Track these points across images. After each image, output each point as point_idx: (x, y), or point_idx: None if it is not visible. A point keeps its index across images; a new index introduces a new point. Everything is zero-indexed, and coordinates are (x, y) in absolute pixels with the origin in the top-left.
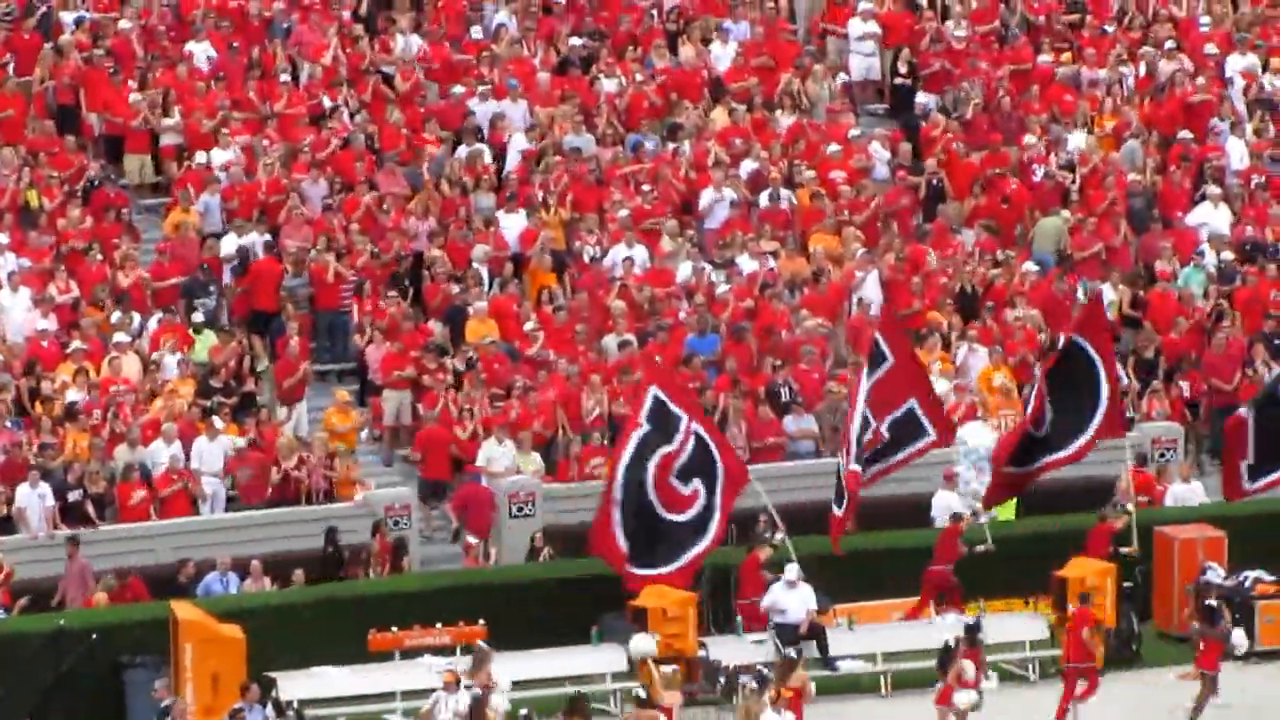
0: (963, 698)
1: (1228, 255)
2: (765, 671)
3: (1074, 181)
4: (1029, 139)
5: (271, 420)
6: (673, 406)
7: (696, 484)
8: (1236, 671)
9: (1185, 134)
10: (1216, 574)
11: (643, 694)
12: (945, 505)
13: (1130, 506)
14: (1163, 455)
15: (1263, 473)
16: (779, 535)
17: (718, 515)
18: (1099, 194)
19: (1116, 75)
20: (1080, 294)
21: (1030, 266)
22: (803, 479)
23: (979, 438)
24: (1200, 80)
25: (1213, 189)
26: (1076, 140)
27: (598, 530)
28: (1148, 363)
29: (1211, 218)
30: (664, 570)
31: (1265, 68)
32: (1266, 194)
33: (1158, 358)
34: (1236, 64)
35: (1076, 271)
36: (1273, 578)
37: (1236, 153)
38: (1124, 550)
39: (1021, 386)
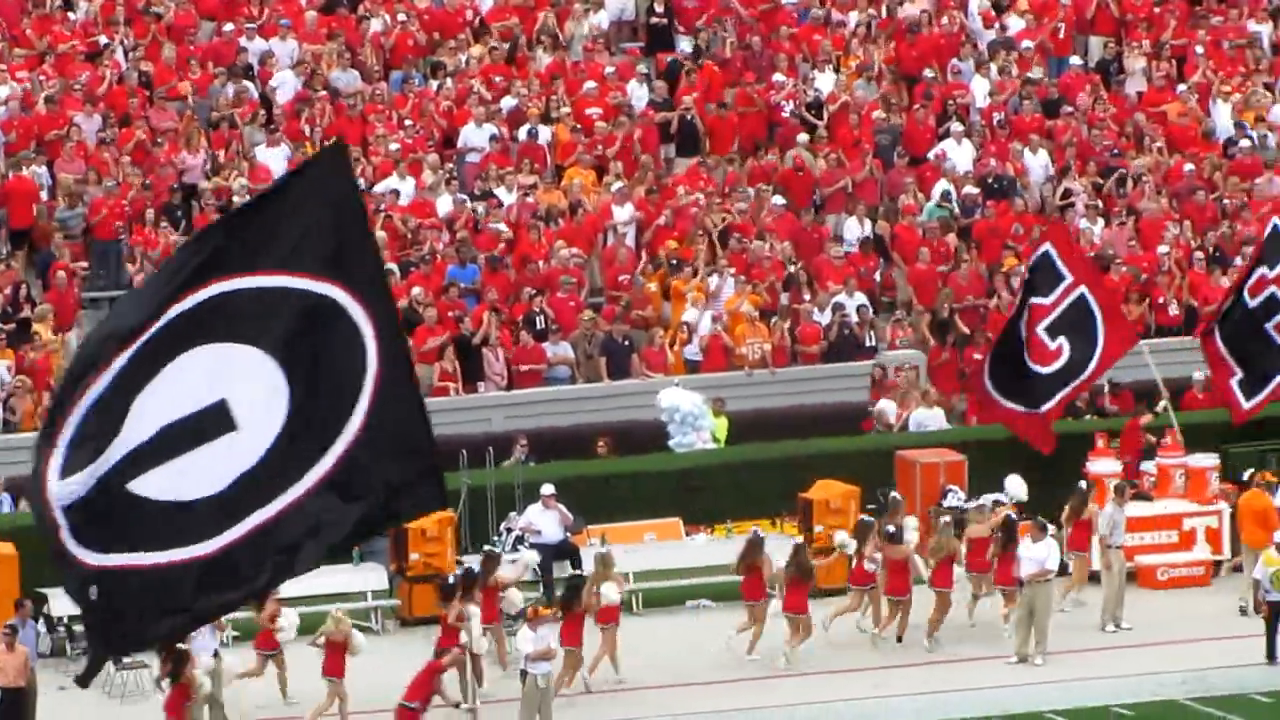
0: None
1: (970, 190)
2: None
3: (822, 118)
4: (778, 77)
5: (46, 347)
6: (1060, 265)
7: (1062, 341)
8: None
9: (929, 73)
10: (958, 497)
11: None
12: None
13: (1164, 404)
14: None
15: (1257, 388)
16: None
17: (1086, 374)
18: (846, 131)
19: (866, 16)
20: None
21: (779, 200)
22: (558, 404)
23: (675, 398)
24: (944, 21)
25: (956, 126)
26: (825, 79)
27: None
28: (890, 303)
29: (954, 153)
30: (1022, 409)
31: (1007, 8)
32: (1007, 131)
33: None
34: (979, 4)
35: (824, 205)
36: (1010, 499)
37: (980, 91)
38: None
39: (767, 315)
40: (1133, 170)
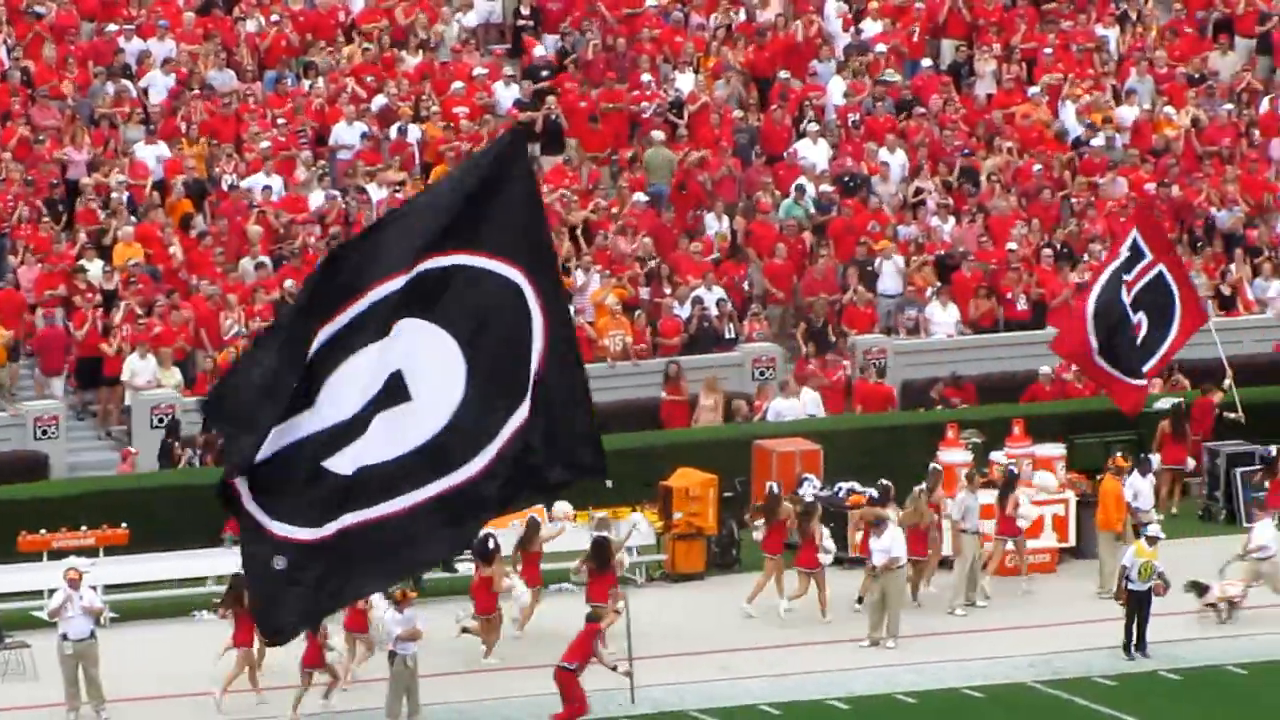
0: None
1: (826, 187)
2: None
3: (683, 118)
4: (643, 77)
5: None
6: (1143, 245)
7: (1141, 316)
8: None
9: (784, 74)
10: (813, 485)
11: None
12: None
13: (1228, 381)
14: (763, 374)
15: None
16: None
17: (1165, 347)
18: (706, 130)
19: (726, 19)
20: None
21: (640, 197)
22: None
23: None
24: (799, 24)
25: (812, 126)
26: (685, 80)
27: (1067, 336)
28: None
29: (810, 152)
30: (1122, 377)
31: (863, 13)
32: (861, 131)
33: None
34: (836, 9)
35: (685, 203)
36: (865, 489)
37: (835, 92)
38: (1229, 415)
39: (630, 309)
40: (983, 170)
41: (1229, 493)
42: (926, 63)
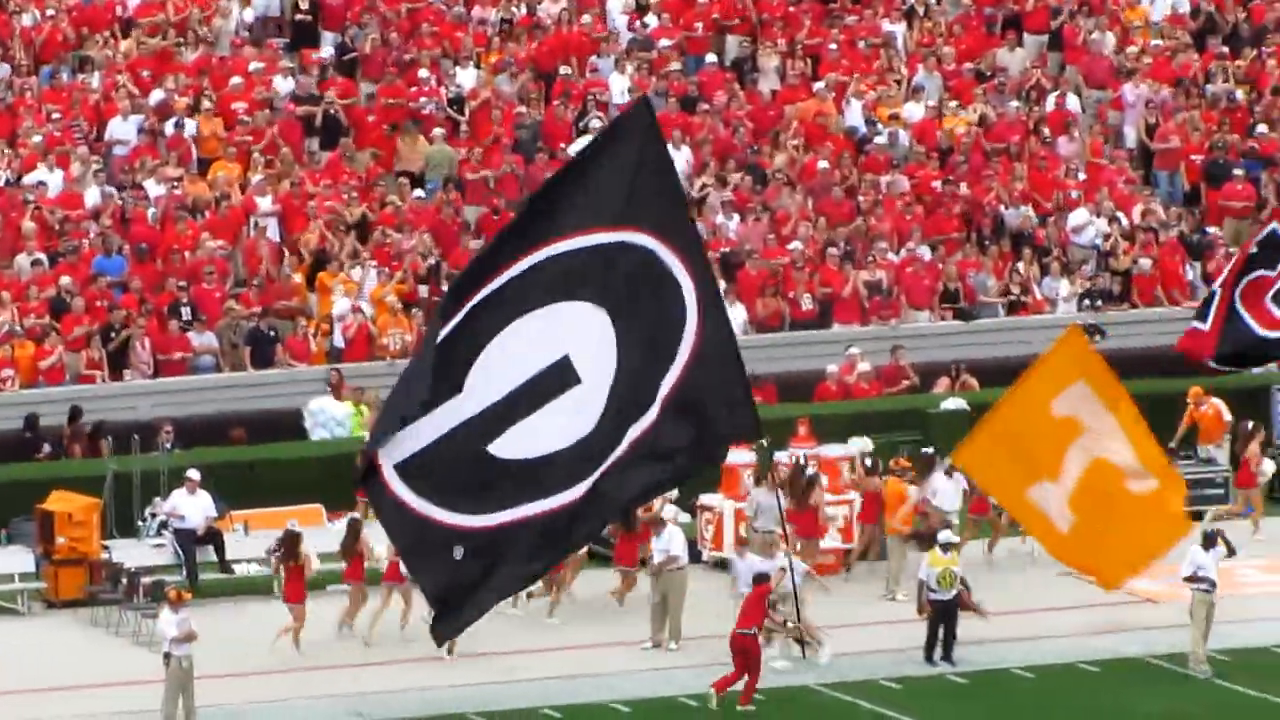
0: None
1: None
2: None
3: (464, 114)
4: (421, 73)
5: None
6: None
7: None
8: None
9: (566, 69)
10: None
11: None
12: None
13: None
14: None
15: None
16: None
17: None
18: (487, 126)
19: (506, 13)
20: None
21: (419, 193)
22: (203, 393)
23: (324, 405)
24: (585, 19)
25: (594, 122)
26: (466, 75)
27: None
28: None
29: None
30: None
31: (646, 8)
32: None
33: None
34: (619, 3)
35: (464, 198)
36: None
37: (618, 88)
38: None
39: (409, 306)
40: (769, 167)
41: None
42: (711, 59)
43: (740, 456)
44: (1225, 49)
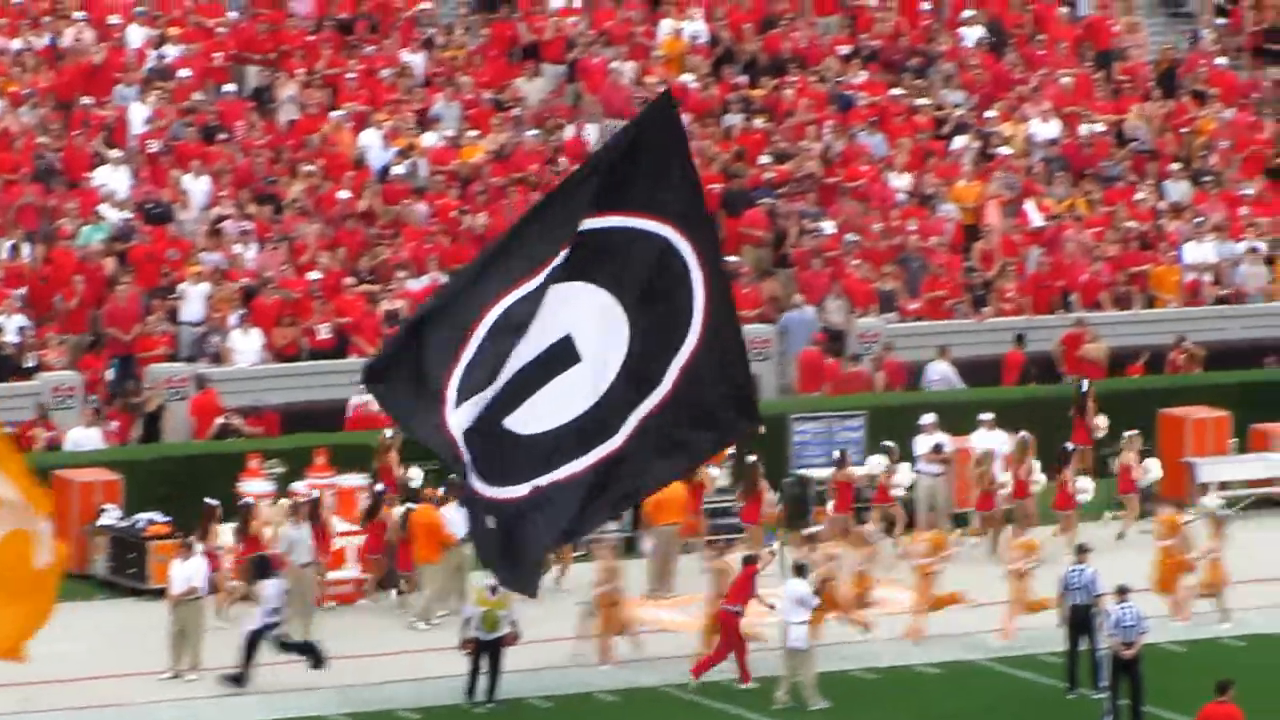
0: None
1: (127, 214)
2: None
3: None
4: None
5: None
6: None
7: None
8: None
9: (86, 99)
10: (114, 515)
11: None
12: None
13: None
14: (63, 403)
15: None
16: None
17: None
18: (6, 155)
19: (26, 43)
20: None
21: None
22: None
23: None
24: (103, 47)
25: (114, 152)
26: None
27: None
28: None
29: (111, 179)
30: None
31: (165, 37)
32: (169, 157)
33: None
34: (138, 35)
35: None
36: (165, 519)
37: (138, 117)
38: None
39: None
40: (287, 196)
41: None
42: (230, 87)
43: (259, 486)
44: (743, 78)
